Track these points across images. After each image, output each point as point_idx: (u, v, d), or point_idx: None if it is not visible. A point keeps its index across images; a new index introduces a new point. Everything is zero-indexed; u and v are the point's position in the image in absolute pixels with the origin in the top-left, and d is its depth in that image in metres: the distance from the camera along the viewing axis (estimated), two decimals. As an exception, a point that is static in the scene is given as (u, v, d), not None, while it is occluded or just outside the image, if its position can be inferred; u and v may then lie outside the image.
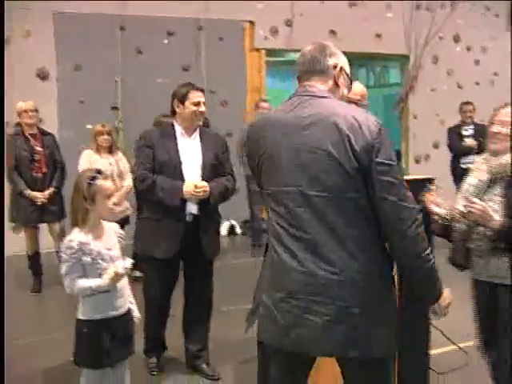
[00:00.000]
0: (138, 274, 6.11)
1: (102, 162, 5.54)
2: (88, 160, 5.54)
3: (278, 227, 2.12)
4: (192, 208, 3.57)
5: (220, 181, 3.68)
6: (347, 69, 2.27)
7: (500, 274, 2.69)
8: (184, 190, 3.48)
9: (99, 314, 2.76)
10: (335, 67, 2.21)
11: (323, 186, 2.01)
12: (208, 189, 3.54)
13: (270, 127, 2.17)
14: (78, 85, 7.51)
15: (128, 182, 5.76)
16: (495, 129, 2.76)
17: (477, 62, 10.28)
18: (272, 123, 2.18)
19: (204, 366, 3.79)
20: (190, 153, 3.63)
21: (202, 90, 3.68)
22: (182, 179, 3.54)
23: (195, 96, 3.60)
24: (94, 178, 2.75)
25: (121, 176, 5.72)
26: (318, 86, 2.18)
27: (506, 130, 2.74)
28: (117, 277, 2.70)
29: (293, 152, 2.06)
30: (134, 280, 5.92)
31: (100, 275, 2.71)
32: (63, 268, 2.72)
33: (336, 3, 8.88)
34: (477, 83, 10.20)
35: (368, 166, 1.97)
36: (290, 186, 2.06)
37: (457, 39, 10.07)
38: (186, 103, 3.58)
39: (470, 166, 6.87)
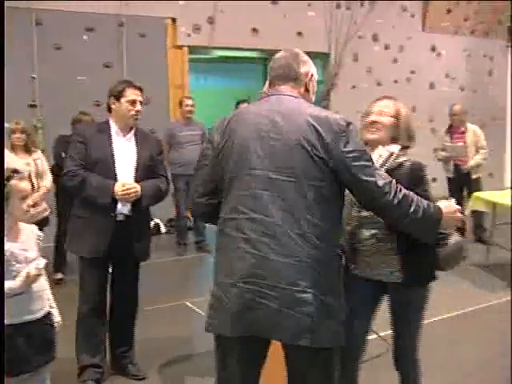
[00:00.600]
0: (59, 276, 5.97)
1: (19, 162, 5.29)
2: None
3: (234, 213, 2.16)
4: (123, 208, 3.49)
5: (153, 182, 3.60)
6: (316, 76, 2.42)
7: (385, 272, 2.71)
8: (115, 189, 3.39)
9: (14, 318, 2.64)
10: (306, 75, 2.35)
11: (289, 171, 2.10)
12: (139, 190, 3.46)
13: (240, 117, 2.27)
14: (-8, 81, 7.20)
15: (47, 182, 5.59)
16: (374, 117, 2.74)
17: (394, 61, 10.61)
18: (242, 114, 2.29)
19: (130, 366, 3.74)
20: (125, 152, 3.53)
21: (139, 89, 3.57)
22: (115, 178, 3.44)
23: (131, 93, 3.50)
24: (8, 178, 2.64)
25: (39, 176, 5.52)
26: (290, 90, 2.30)
27: (383, 120, 2.73)
28: (29, 278, 2.60)
29: (262, 139, 2.16)
30: (55, 283, 5.80)
31: (14, 277, 2.61)
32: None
33: (257, 1, 8.93)
34: (395, 81, 10.54)
35: (339, 157, 2.10)
36: (256, 170, 2.14)
37: (375, 38, 10.35)
38: (122, 100, 3.49)
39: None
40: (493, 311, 4.93)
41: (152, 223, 8.19)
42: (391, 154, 2.66)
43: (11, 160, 5.29)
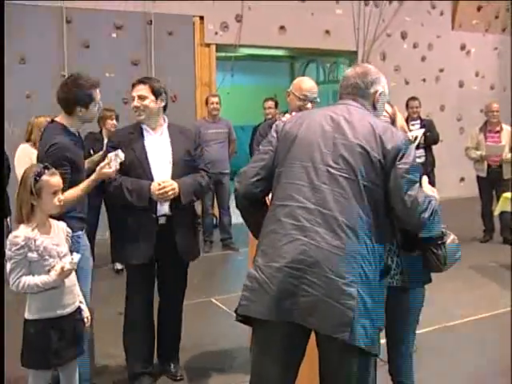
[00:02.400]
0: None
1: None
2: (25, 155, 5.22)
3: (289, 200, 2.20)
4: (163, 209, 3.39)
5: (192, 178, 3.48)
6: (387, 92, 2.47)
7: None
8: (151, 190, 3.30)
9: (46, 313, 2.71)
10: (375, 94, 2.42)
11: (348, 169, 2.17)
12: (176, 187, 3.34)
13: (307, 116, 2.40)
14: (24, 78, 7.32)
15: None
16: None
17: (423, 59, 10.51)
18: (310, 113, 2.45)
19: (172, 366, 3.71)
20: (158, 150, 3.43)
21: (142, 82, 3.46)
22: (151, 178, 3.35)
23: (133, 91, 3.46)
24: (40, 174, 2.68)
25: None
26: (358, 103, 2.39)
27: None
28: (64, 272, 2.65)
29: (326, 137, 2.24)
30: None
31: (48, 272, 2.66)
32: (8, 265, 2.65)
33: (285, -1, 8.93)
34: (423, 79, 10.45)
35: (392, 165, 2.17)
36: (318, 164, 2.21)
37: (404, 36, 10.26)
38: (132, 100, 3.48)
39: (417, 159, 7.14)
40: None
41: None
42: None
43: (34, 156, 5.32)
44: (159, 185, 3.30)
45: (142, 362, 3.57)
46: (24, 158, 5.25)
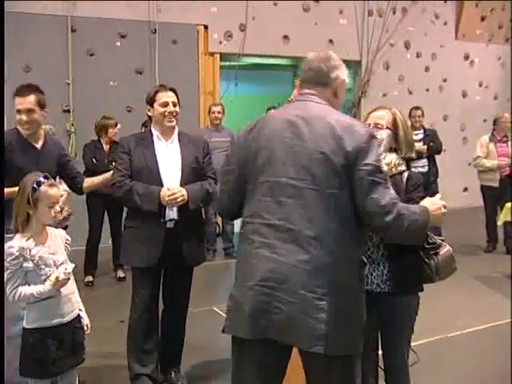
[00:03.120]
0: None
1: None
2: None
3: (256, 218, 2.19)
4: (171, 213, 3.44)
5: (200, 184, 3.54)
6: (347, 80, 2.40)
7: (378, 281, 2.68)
8: (161, 195, 3.35)
9: (44, 321, 2.70)
10: (337, 79, 2.33)
11: (312, 179, 2.11)
12: (185, 193, 3.40)
13: (267, 123, 2.28)
14: (28, 87, 7.35)
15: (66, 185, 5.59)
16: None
17: (427, 69, 10.53)
18: (268, 120, 2.30)
19: (173, 373, 3.70)
20: (168, 157, 3.49)
21: (172, 90, 3.54)
22: (161, 184, 3.41)
23: (163, 96, 3.48)
24: (39, 184, 2.68)
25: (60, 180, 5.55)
26: (318, 94, 2.30)
27: (379, 135, 2.63)
28: (58, 282, 2.63)
29: (286, 146, 2.17)
30: (86, 285, 5.88)
31: (44, 281, 2.65)
32: (5, 276, 2.64)
33: (289, 8, 8.96)
34: (427, 89, 10.45)
35: (356, 167, 2.10)
36: (282, 177, 2.15)
37: (407, 46, 10.28)
38: (155, 105, 3.48)
39: (420, 169, 7.15)
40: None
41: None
42: (389, 163, 2.67)
43: None
44: (169, 190, 3.36)
45: (143, 364, 3.56)
46: None
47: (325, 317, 2.06)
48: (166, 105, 3.48)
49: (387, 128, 2.69)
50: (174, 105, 3.51)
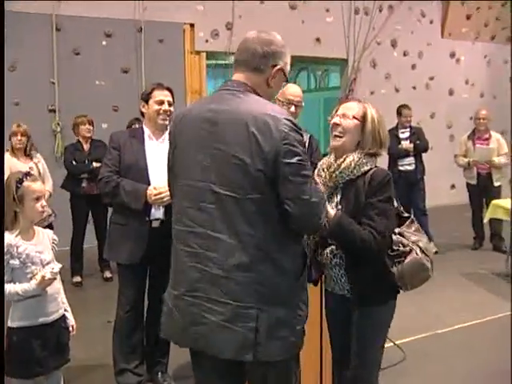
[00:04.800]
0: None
1: (22, 167, 5.12)
2: (6, 166, 5.04)
3: (179, 224, 2.10)
4: (157, 213, 3.42)
5: None
6: (287, 70, 2.20)
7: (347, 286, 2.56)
8: (147, 193, 3.33)
9: (29, 320, 2.68)
10: (273, 67, 2.13)
11: (230, 185, 1.98)
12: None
13: (187, 121, 2.12)
14: (13, 86, 7.27)
15: (48, 185, 5.52)
16: (335, 119, 2.55)
17: (413, 67, 10.56)
18: (189, 117, 2.12)
19: (160, 374, 3.68)
20: (158, 156, 3.43)
21: (168, 89, 3.55)
22: (149, 183, 3.39)
23: (159, 94, 3.47)
24: (21, 180, 2.67)
25: (41, 180, 5.47)
26: (245, 81, 2.12)
27: (346, 123, 2.53)
28: (44, 282, 2.62)
29: (204, 148, 2.03)
30: (74, 286, 5.84)
31: (30, 279, 2.63)
32: (4, 276, 2.62)
33: (276, 6, 8.95)
34: (413, 87, 10.49)
35: (276, 168, 1.95)
36: (202, 182, 2.03)
37: (394, 44, 10.31)
38: (150, 102, 3.47)
39: (407, 167, 7.16)
40: (510, 321, 4.86)
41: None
42: (348, 165, 2.49)
43: (13, 165, 5.18)
44: (155, 189, 3.34)
45: (128, 360, 3.56)
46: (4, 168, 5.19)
47: (253, 325, 1.98)
48: (161, 103, 3.47)
49: (354, 118, 2.54)
50: (170, 104, 3.51)
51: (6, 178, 2.77)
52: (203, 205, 2.02)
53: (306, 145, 3.90)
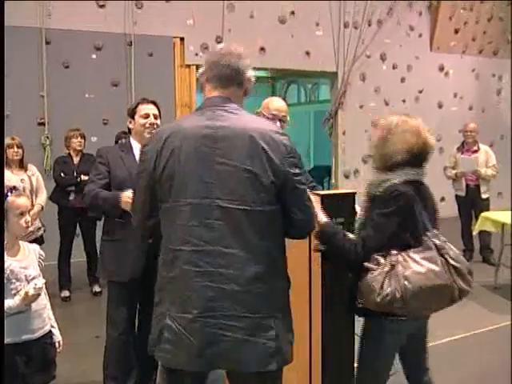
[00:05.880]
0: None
1: (14, 178, 5.22)
2: None
3: (185, 245, 2.05)
4: None
5: None
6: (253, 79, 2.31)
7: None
8: (122, 197, 3.15)
9: (13, 337, 2.64)
10: (249, 80, 2.25)
11: (241, 198, 2.00)
12: None
13: (179, 139, 2.08)
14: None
15: (41, 199, 5.56)
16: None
17: (402, 80, 10.62)
18: (181, 135, 2.09)
19: None
20: None
21: (153, 103, 3.53)
22: None
23: (144, 108, 3.45)
24: (6, 195, 2.66)
25: (34, 193, 5.49)
26: (231, 96, 2.18)
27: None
28: (28, 298, 2.59)
29: (206, 163, 2.03)
30: (63, 300, 5.79)
31: (14, 295, 2.61)
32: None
33: (265, 19, 8.99)
34: (403, 100, 10.54)
35: (285, 179, 2.05)
36: (207, 198, 2.02)
37: (383, 57, 10.38)
38: (136, 117, 3.45)
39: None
40: (500, 334, 4.86)
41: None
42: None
43: (6, 177, 5.13)
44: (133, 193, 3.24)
45: (124, 381, 3.45)
46: None
47: (273, 333, 2.04)
48: (147, 116, 3.44)
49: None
50: (155, 117, 3.49)
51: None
52: (209, 221, 2.01)
53: None
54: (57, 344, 2.87)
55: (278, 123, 3.75)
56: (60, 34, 7.53)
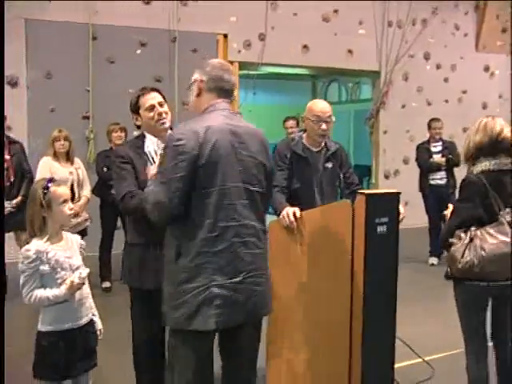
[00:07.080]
0: (107, 284, 6.08)
1: (62, 171, 5.42)
2: (47, 169, 5.38)
3: (231, 221, 2.48)
4: None
5: None
6: None
7: None
8: None
9: (58, 325, 2.72)
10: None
11: (259, 183, 2.59)
12: None
13: (215, 134, 2.47)
14: (49, 93, 7.44)
15: (87, 191, 5.72)
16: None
17: (446, 80, 10.47)
18: (214, 131, 2.47)
19: None
20: None
21: (155, 90, 3.18)
22: None
23: (147, 100, 3.08)
24: (47, 186, 2.73)
25: (80, 185, 5.63)
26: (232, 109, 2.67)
27: None
28: (73, 286, 2.66)
29: (236, 155, 2.51)
30: (104, 291, 5.90)
31: (60, 285, 2.68)
32: (21, 278, 2.67)
33: (308, 18, 8.98)
34: (446, 100, 10.39)
35: (271, 168, 2.70)
36: (239, 183, 2.51)
37: (427, 57, 10.24)
38: (141, 112, 3.10)
39: (438, 181, 7.08)
40: None
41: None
42: None
43: (55, 169, 5.41)
44: None
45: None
46: (45, 170, 5.34)
47: (269, 285, 2.67)
48: (152, 108, 3.08)
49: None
50: (161, 105, 3.11)
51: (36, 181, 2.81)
52: (243, 201, 2.52)
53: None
54: (98, 332, 2.93)
55: (324, 125, 3.69)
56: (106, 30, 7.68)
